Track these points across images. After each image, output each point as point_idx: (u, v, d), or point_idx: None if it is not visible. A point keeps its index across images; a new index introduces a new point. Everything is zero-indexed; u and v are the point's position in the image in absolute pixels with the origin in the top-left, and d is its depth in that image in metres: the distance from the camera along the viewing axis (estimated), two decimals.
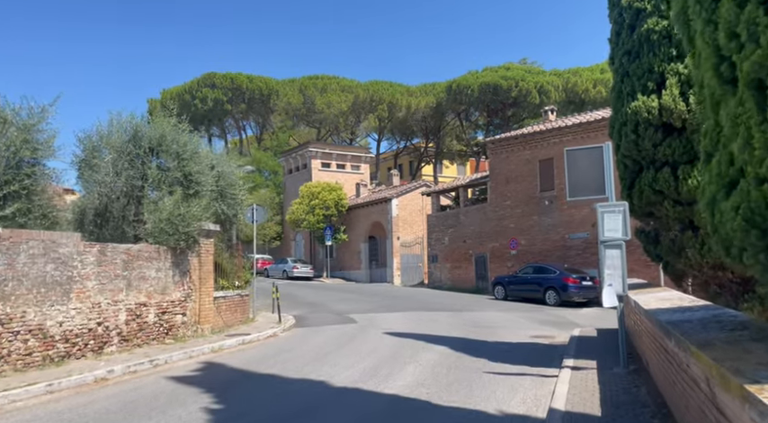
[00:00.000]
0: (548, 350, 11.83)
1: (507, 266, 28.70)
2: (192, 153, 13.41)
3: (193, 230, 12.99)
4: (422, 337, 13.82)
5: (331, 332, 15.01)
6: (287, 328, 15.80)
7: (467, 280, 31.22)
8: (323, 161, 45.66)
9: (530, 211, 28.17)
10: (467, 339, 13.47)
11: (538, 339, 13.46)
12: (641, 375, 7.74)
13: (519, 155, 28.85)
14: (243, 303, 16.34)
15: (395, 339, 13.40)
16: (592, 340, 12.43)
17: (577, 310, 21.96)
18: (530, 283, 24.48)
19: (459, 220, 32.24)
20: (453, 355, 11.07)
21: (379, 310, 20.63)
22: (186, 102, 55.77)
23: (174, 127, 13.32)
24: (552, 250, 26.98)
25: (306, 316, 19.54)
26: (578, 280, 23.04)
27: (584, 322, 17.84)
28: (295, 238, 47.16)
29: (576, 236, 26.04)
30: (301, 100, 54.94)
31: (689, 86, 8.21)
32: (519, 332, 14.69)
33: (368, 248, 40.39)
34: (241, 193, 15.42)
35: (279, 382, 8.98)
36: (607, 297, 8.06)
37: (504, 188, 29.45)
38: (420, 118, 60.08)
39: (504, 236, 29.28)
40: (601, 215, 8.27)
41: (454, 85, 55.40)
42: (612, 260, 8.21)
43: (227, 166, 14.97)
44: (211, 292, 14.25)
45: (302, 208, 39.60)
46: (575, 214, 26.09)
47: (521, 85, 53.21)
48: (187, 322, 13.40)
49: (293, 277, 38.76)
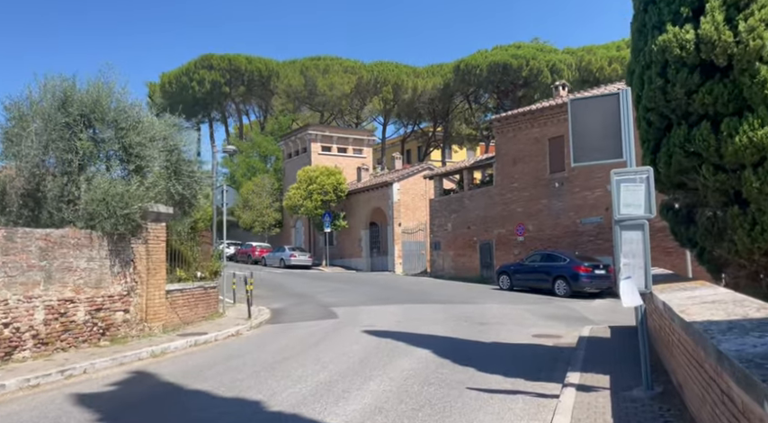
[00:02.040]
0: (551, 355, 9.78)
1: (514, 254, 26.56)
2: (135, 122, 11.45)
3: (134, 212, 11.05)
4: (405, 336, 11.83)
5: (302, 330, 13.08)
6: (255, 326, 13.88)
7: (471, 268, 29.13)
8: (323, 144, 43.58)
9: (538, 194, 25.97)
10: (457, 340, 11.45)
11: (541, 339, 11.40)
12: (671, 402, 5.68)
13: (527, 133, 26.60)
14: (207, 297, 14.44)
15: (372, 340, 11.43)
16: (604, 343, 10.34)
17: (589, 301, 19.84)
18: (537, 272, 22.37)
19: (464, 204, 30.09)
20: (435, 363, 9.06)
21: (369, 302, 18.68)
22: (184, 84, 53.93)
23: (112, 91, 11.34)
24: (562, 236, 24.80)
25: (286, 309, 17.63)
26: (590, 268, 20.89)
27: (597, 317, 15.75)
28: (295, 225, 45.26)
29: (589, 220, 23.83)
30: (302, 82, 52.78)
31: (737, 9, 6.05)
32: (520, 330, 12.64)
33: (369, 236, 38.39)
34: (201, 172, 13.44)
35: (200, 404, 7.03)
36: (626, 294, 5.99)
37: (511, 169, 27.23)
38: (427, 100, 57.70)
39: (510, 221, 27.12)
40: (616, 186, 6.17)
41: (462, 65, 52.96)
42: (631, 246, 6.12)
43: (184, 139, 12.98)
44: (163, 284, 12.34)
45: (299, 193, 37.63)
46: (587, 197, 23.86)
47: (532, 63, 50.71)
48: (131, 320, 11.51)
49: (291, 266, 36.90)
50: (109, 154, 11.20)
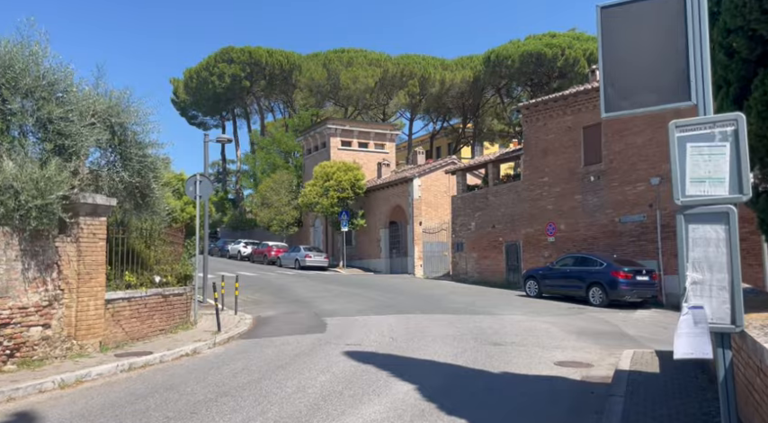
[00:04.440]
0: (576, 399, 7.19)
1: (544, 256, 23.76)
2: (58, 91, 9.28)
3: (53, 203, 8.87)
4: (392, 362, 9.38)
5: (273, 350, 10.73)
6: (221, 341, 11.60)
7: (496, 272, 26.40)
8: (343, 139, 41.28)
9: (571, 189, 23.10)
10: (457, 368, 8.93)
11: (566, 369, 8.79)
12: None
13: (559, 121, 23.76)
14: (168, 306, 12.22)
15: (349, 366, 9.00)
16: (652, 382, 7.66)
17: (630, 312, 17.03)
18: (569, 278, 19.61)
19: (488, 201, 27.37)
20: (411, 411, 6.58)
21: (371, 310, 16.27)
22: (204, 79, 52.50)
23: (35, 54, 9.17)
24: (598, 237, 21.90)
25: (274, 318, 15.37)
26: (631, 274, 18.06)
27: (639, 333, 13.00)
28: (314, 224, 43.12)
29: (630, 219, 20.88)
30: (325, 75, 50.58)
31: None
32: (541, 354, 10.04)
33: (388, 235, 35.93)
34: (156, 157, 11.17)
35: None
36: (686, 336, 3.45)
37: (541, 162, 24.43)
38: (456, 94, 54.88)
39: (539, 220, 24.31)
40: (678, 145, 3.60)
41: (493, 56, 49.98)
42: (707, 250, 3.55)
43: (134, 117, 10.72)
44: (101, 292, 10.15)
45: (315, 190, 35.44)
46: (628, 192, 20.92)
47: (568, 52, 47.44)
48: (53, 337, 9.33)
49: (305, 267, 34.72)
50: (24, 129, 9.05)
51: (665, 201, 19.43)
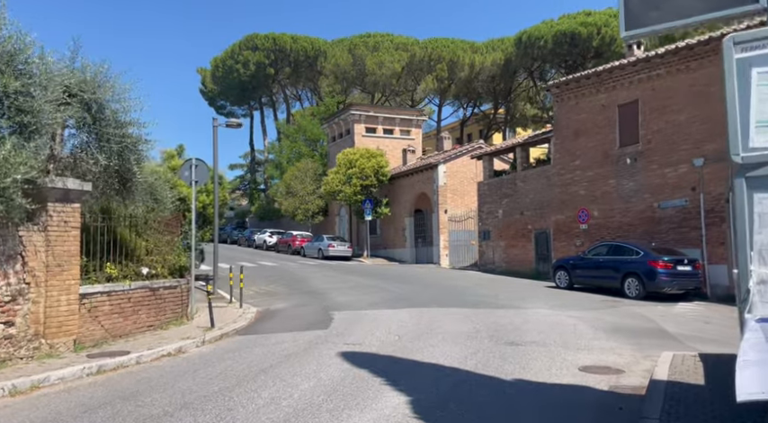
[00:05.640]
0: (600, 419, 5.92)
1: (575, 245, 22.23)
2: (18, 63, 8.35)
3: (9, 187, 7.95)
4: (390, 364, 8.25)
5: (265, 349, 9.70)
6: (211, 339, 10.64)
7: (524, 261, 24.94)
8: (367, 126, 40.04)
9: (605, 173, 21.45)
10: (464, 374, 7.73)
11: (592, 376, 7.50)
12: None
13: (592, 100, 22.08)
14: (158, 300, 11.31)
15: (340, 370, 7.89)
16: (694, 397, 6.30)
17: (669, 306, 15.50)
18: (603, 268, 18.12)
19: (516, 187, 25.85)
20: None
21: (384, 304, 15.16)
22: (230, 67, 51.89)
23: None
24: (635, 224, 20.26)
25: (280, 312, 14.44)
26: (671, 264, 16.50)
27: (680, 329, 11.56)
28: (339, 213, 42.15)
29: (670, 204, 19.18)
30: (350, 61, 49.37)
31: None
32: (565, 356, 8.75)
33: (413, 224, 34.68)
34: (136, 137, 10.19)
35: None
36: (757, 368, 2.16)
37: (573, 144, 22.81)
38: (486, 78, 53.00)
39: (571, 206, 22.74)
40: (738, 73, 2.28)
41: (524, 37, 48.02)
42: None
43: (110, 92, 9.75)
44: (75, 285, 9.26)
45: (338, 178, 34.39)
46: (668, 175, 19.22)
47: (604, 31, 45.08)
48: (17, 336, 8.48)
49: (328, 257, 33.78)
50: None
51: (709, 184, 17.72)
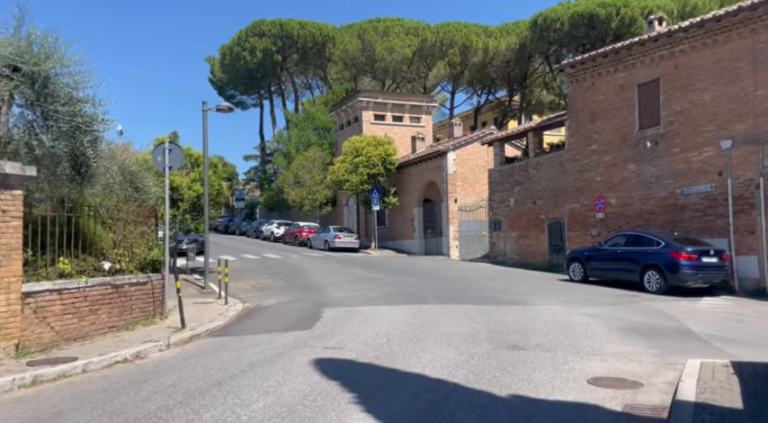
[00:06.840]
0: None
1: (591, 235, 20.86)
2: None
3: None
4: (368, 375, 7.10)
5: (230, 355, 8.58)
6: (179, 342, 9.55)
7: (537, 253, 23.61)
8: (376, 113, 38.78)
9: (623, 157, 20.01)
10: (450, 387, 6.54)
11: (602, 391, 6.26)
12: None
13: (609, 80, 20.60)
14: (123, 298, 10.26)
15: (306, 383, 6.75)
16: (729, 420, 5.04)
17: (694, 301, 14.18)
18: (620, 260, 16.79)
19: (529, 174, 24.47)
20: None
21: (382, 299, 14.01)
22: (237, 55, 50.87)
23: None
24: (656, 212, 18.82)
25: (266, 309, 13.43)
26: (695, 255, 15.13)
27: (706, 329, 10.25)
28: (347, 203, 41.02)
29: (694, 190, 17.72)
30: (360, 46, 48.03)
31: None
32: (573, 363, 7.51)
33: (422, 214, 33.42)
34: (89, 116, 9.10)
35: None
36: None
37: (589, 128, 21.37)
38: (501, 64, 51.36)
39: (586, 194, 21.34)
40: None
41: (540, 20, 46.31)
42: None
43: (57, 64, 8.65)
44: (16, 283, 8.22)
45: (344, 167, 33.23)
46: (692, 159, 17.74)
47: (623, 12, 43.28)
48: None
49: (335, 248, 32.69)
50: None
51: (738, 167, 16.26)
